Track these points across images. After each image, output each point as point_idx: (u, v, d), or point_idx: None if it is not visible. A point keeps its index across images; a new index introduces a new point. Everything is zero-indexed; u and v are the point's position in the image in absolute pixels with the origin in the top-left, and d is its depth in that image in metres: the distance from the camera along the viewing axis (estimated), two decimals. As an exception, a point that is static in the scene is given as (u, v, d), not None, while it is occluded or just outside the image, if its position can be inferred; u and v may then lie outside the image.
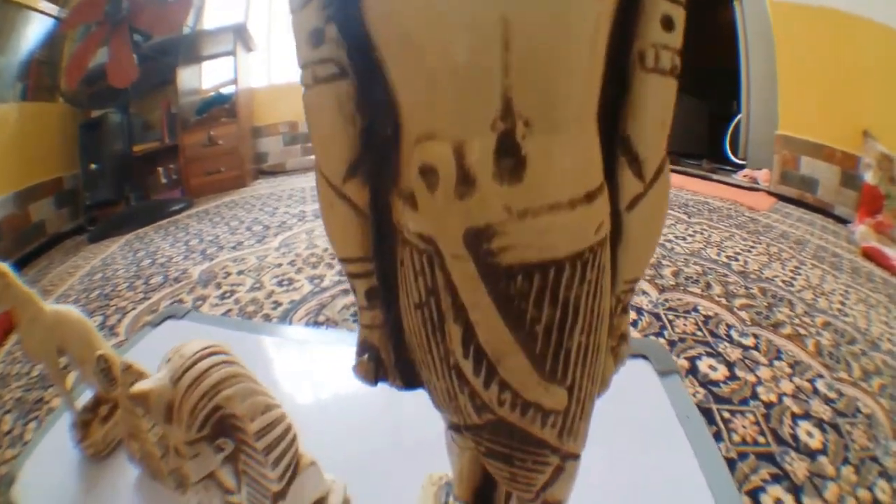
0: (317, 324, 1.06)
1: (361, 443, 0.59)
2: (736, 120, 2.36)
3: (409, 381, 0.24)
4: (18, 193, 2.08)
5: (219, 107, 2.64)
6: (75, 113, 2.43)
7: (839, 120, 1.83)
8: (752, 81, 2.20)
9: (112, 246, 1.94)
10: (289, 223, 1.78)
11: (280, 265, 1.37)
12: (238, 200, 2.29)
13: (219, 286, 1.29)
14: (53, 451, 0.60)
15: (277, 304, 1.15)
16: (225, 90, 2.69)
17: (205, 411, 0.35)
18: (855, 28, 1.76)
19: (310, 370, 0.76)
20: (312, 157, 0.21)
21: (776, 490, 0.65)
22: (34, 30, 2.25)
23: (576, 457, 0.22)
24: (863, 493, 0.65)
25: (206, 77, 2.75)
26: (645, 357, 0.71)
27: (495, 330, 0.18)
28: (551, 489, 0.22)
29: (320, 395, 0.71)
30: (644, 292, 1.10)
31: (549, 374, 0.19)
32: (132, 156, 2.48)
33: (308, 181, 2.44)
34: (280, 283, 1.26)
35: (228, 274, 1.36)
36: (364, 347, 0.24)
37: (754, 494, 0.64)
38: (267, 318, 1.11)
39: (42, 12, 2.25)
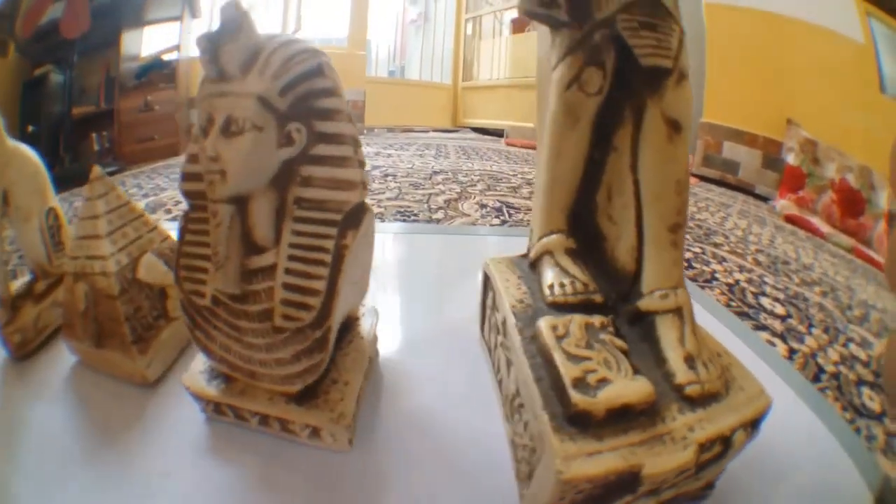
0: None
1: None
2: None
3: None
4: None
5: (158, 71, 2.48)
6: (22, 70, 2.20)
7: (764, 109, 1.98)
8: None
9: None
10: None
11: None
12: (173, 164, 2.17)
13: (169, 211, 1.21)
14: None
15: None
16: (166, 57, 2.53)
17: (302, 67, 0.29)
18: (782, 26, 1.91)
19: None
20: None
21: (763, 334, 0.71)
22: (-3, -17, 2.04)
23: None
24: (839, 349, 0.73)
25: (149, 42, 2.57)
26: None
27: None
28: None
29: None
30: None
31: None
32: (71, 118, 2.28)
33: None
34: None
35: (178, 202, 1.27)
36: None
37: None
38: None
39: (7, -35, 2.06)
